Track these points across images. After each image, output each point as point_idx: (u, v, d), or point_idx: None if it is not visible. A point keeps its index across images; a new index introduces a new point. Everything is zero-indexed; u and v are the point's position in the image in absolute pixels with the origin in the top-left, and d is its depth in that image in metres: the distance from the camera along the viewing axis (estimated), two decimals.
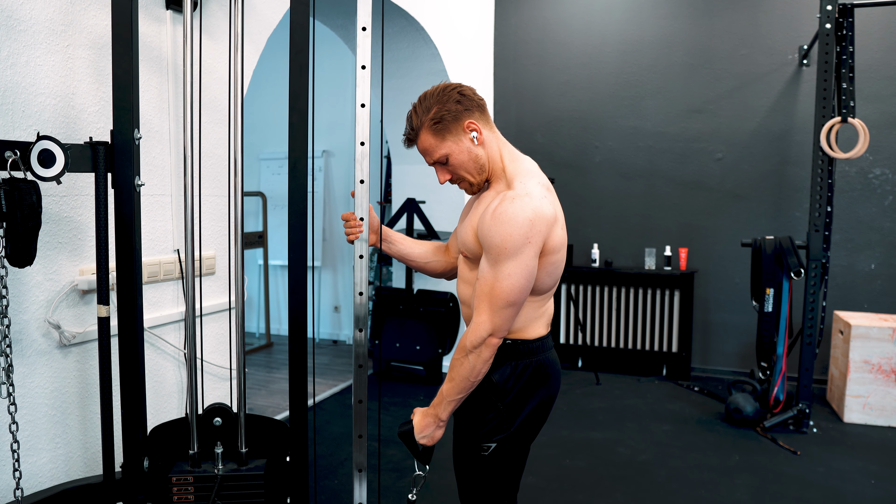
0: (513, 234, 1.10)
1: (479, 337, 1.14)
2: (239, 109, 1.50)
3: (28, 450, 1.51)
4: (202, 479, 1.44)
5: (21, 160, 1.27)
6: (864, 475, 2.47)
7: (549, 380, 1.25)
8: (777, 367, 3.06)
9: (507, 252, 1.11)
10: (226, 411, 1.52)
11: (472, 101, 1.22)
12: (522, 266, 1.12)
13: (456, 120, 1.20)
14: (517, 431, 1.23)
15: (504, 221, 1.11)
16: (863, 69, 3.45)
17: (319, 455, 2.58)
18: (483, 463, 1.24)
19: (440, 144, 1.21)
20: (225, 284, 2.11)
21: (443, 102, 1.20)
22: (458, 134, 1.20)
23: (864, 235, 3.58)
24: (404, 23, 3.27)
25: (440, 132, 1.20)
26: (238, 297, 1.50)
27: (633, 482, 2.41)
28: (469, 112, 1.21)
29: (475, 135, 1.20)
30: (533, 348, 1.23)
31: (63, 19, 1.55)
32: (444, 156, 1.22)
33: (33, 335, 1.51)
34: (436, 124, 1.20)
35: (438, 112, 1.20)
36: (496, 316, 1.13)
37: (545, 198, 1.16)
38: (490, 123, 1.25)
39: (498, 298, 1.13)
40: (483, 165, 1.23)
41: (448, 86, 1.23)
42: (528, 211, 1.12)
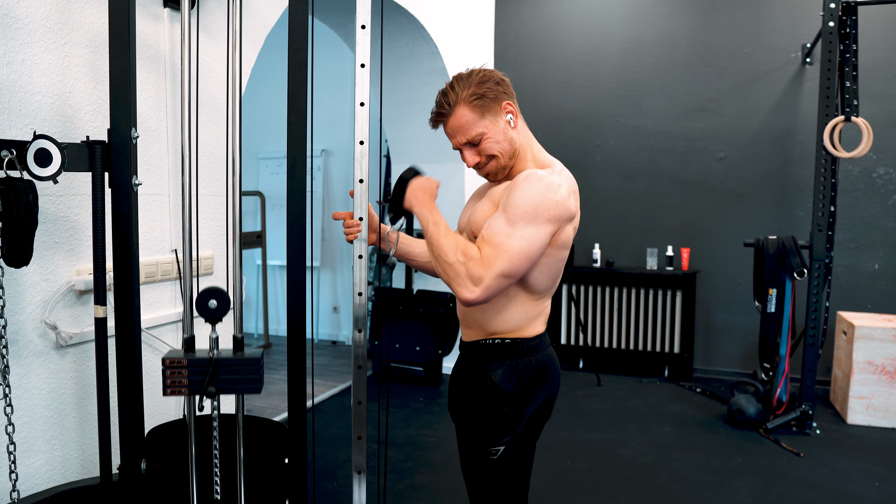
0: (539, 199, 1.09)
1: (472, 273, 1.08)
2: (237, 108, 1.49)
3: (24, 451, 1.50)
4: (196, 362, 1.36)
5: (17, 159, 1.26)
6: (867, 477, 2.45)
7: (550, 377, 1.25)
8: (780, 368, 3.04)
9: (527, 215, 1.09)
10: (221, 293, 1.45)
11: (508, 86, 1.23)
12: (536, 235, 1.10)
13: (496, 100, 1.19)
14: (524, 432, 1.23)
15: (534, 185, 1.11)
16: (866, 67, 3.43)
17: (318, 457, 2.57)
18: (493, 467, 1.23)
19: (478, 122, 1.19)
20: (223, 284, 2.10)
21: (484, 80, 1.20)
22: (497, 114, 1.20)
23: (867, 235, 3.56)
24: (404, 21, 3.26)
25: (479, 108, 1.19)
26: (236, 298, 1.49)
27: (635, 484, 2.39)
28: (508, 95, 1.22)
29: (511, 117, 1.21)
30: (532, 346, 1.22)
31: (60, 17, 1.54)
32: (480, 135, 1.20)
33: (30, 336, 1.50)
34: (476, 99, 1.18)
35: (479, 88, 1.19)
36: (492, 277, 1.08)
37: (570, 192, 1.18)
38: (519, 114, 1.26)
39: (503, 258, 1.08)
40: (516, 150, 1.23)
41: (488, 71, 1.23)
42: (557, 194, 1.13)
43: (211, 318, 1.40)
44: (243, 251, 4.71)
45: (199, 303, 1.42)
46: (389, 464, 2.53)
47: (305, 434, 1.52)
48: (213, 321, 1.41)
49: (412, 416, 3.13)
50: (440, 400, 3.41)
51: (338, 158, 4.63)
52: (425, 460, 2.55)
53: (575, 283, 3.99)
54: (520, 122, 1.24)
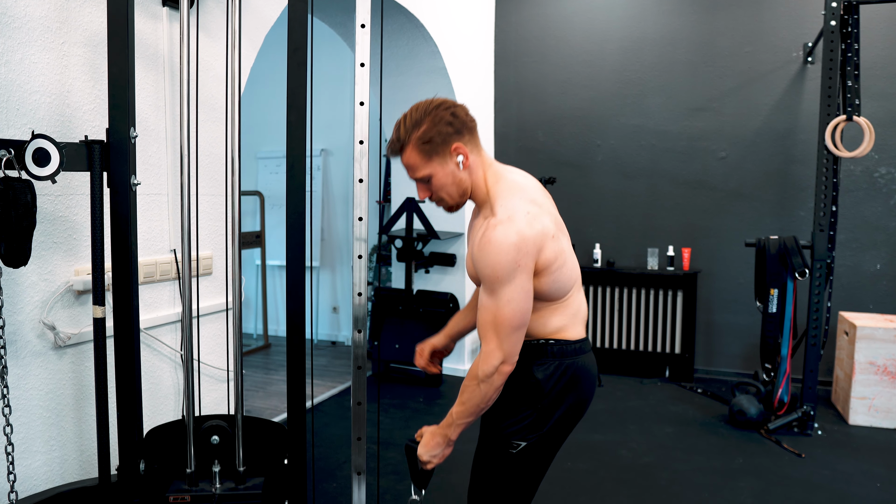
0: (501, 261, 1.12)
1: (491, 366, 1.15)
2: (236, 107, 1.48)
3: (23, 452, 1.50)
4: (199, 498, 1.43)
5: (15, 159, 1.25)
6: (869, 478, 2.44)
7: (585, 383, 1.26)
8: (781, 369, 3.03)
9: (500, 279, 1.12)
10: (223, 429, 1.50)
11: (463, 123, 1.20)
12: (518, 290, 1.13)
13: (445, 143, 1.18)
14: (549, 433, 1.24)
15: (491, 251, 1.13)
16: (868, 67, 3.42)
17: (318, 458, 2.56)
18: (509, 461, 1.25)
19: (425, 164, 1.20)
20: (222, 285, 2.09)
21: (434, 122, 1.18)
22: (445, 156, 1.19)
23: (869, 235, 3.55)
24: (404, 20, 3.25)
25: (427, 152, 1.19)
26: (235, 298, 1.49)
27: (636, 485, 2.38)
28: (459, 135, 1.19)
29: (461, 159, 1.19)
30: (576, 349, 1.25)
31: (58, 16, 1.53)
32: (428, 175, 1.21)
33: (28, 336, 1.50)
34: (424, 144, 1.18)
35: (428, 131, 1.18)
36: (505, 343, 1.15)
37: (530, 215, 1.15)
38: (478, 146, 1.24)
39: (502, 326, 1.14)
40: (465, 190, 1.23)
41: (442, 103, 1.20)
42: (512, 235, 1.12)
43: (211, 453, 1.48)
44: (242, 251, 4.69)
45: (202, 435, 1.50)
46: (389, 465, 2.52)
47: (305, 435, 1.52)
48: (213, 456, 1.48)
49: (412, 416, 3.12)
50: (440, 400, 3.40)
51: (337, 158, 4.62)
52: None
53: None
54: (473, 160, 1.21)
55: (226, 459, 1.50)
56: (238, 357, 1.50)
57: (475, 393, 1.17)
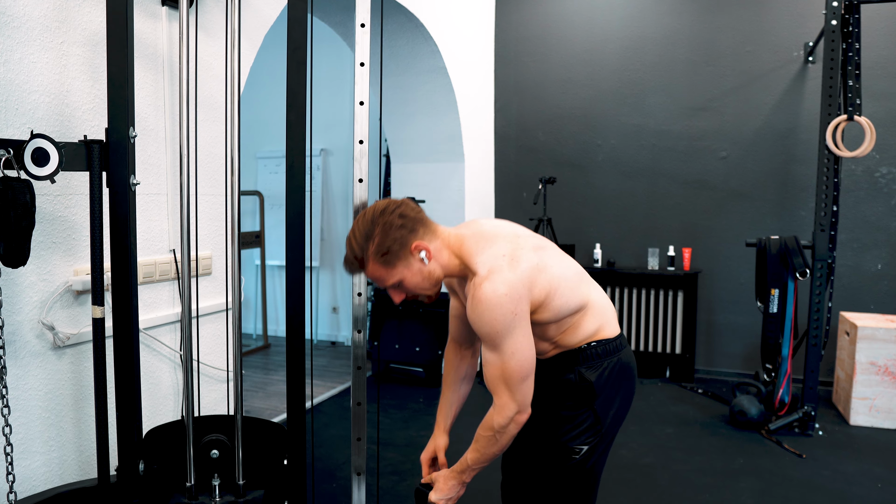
0: (496, 316, 1.12)
1: (506, 418, 1.17)
2: (236, 107, 1.48)
3: (21, 453, 1.49)
4: None
5: (14, 159, 1.25)
6: (870, 478, 2.44)
7: (630, 376, 1.30)
8: (782, 369, 3.03)
9: (499, 333, 1.13)
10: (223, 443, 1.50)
11: (413, 219, 1.17)
12: (520, 339, 1.14)
13: (403, 246, 1.16)
14: (606, 431, 1.27)
15: (484, 309, 1.13)
16: (869, 66, 3.41)
17: (317, 458, 2.56)
18: (572, 469, 1.25)
19: (391, 272, 1.17)
20: (221, 285, 2.09)
21: (386, 230, 1.15)
22: (408, 258, 1.17)
23: (870, 235, 3.55)
24: (403, 19, 3.24)
25: (388, 262, 1.16)
26: (235, 298, 1.48)
27: (636, 485, 2.38)
28: (414, 233, 1.17)
29: (424, 254, 1.17)
30: (616, 346, 1.28)
31: (57, 16, 1.53)
32: (398, 281, 1.19)
33: (27, 336, 1.49)
34: (383, 255, 1.15)
35: (383, 242, 1.15)
36: (517, 394, 1.16)
37: (507, 257, 1.15)
38: (433, 231, 1.20)
39: (512, 378, 1.15)
40: (437, 278, 1.22)
41: (386, 208, 1.17)
42: (500, 287, 1.12)
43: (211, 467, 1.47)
44: (242, 251, 4.69)
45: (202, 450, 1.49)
46: (389, 465, 2.52)
47: (304, 435, 1.51)
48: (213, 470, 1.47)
49: (412, 417, 3.12)
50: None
51: (337, 158, 4.62)
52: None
53: None
54: (435, 247, 1.18)
55: (225, 471, 1.50)
56: (237, 357, 1.50)
57: (491, 443, 1.20)
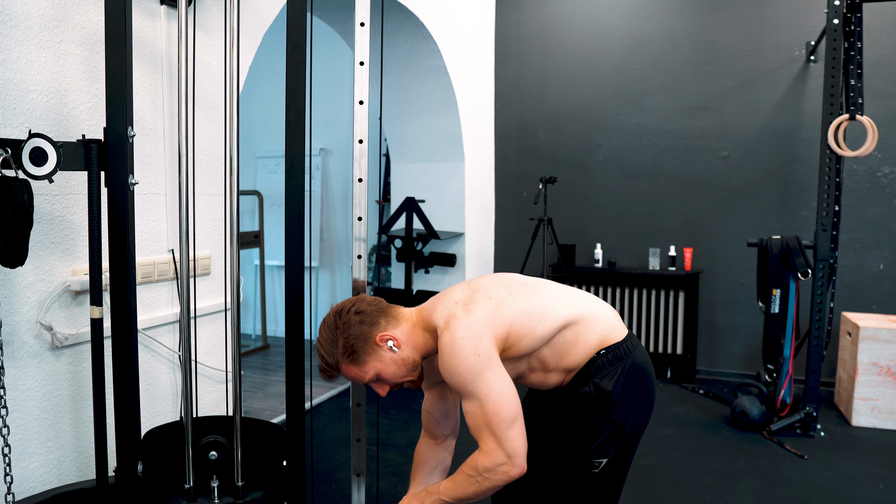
0: (459, 361, 1.09)
1: (492, 462, 1.10)
2: (235, 106, 1.47)
3: (19, 454, 1.48)
4: None
5: (12, 158, 1.24)
6: (872, 479, 2.43)
7: (647, 379, 1.24)
8: (784, 370, 3.02)
9: (468, 380, 1.09)
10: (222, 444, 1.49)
11: (370, 313, 1.18)
12: (493, 380, 1.10)
13: (367, 341, 1.16)
14: (627, 441, 1.21)
15: (448, 358, 1.11)
16: (871, 65, 3.40)
17: (317, 459, 2.55)
18: (592, 482, 1.20)
19: (364, 369, 1.18)
20: (220, 285, 2.08)
21: (346, 331, 1.16)
22: (376, 351, 1.17)
23: (872, 235, 3.53)
24: (403, 18, 3.24)
25: (358, 360, 1.17)
26: (234, 298, 1.47)
27: (637, 487, 2.37)
28: (375, 326, 1.17)
29: (392, 343, 1.17)
30: (626, 348, 1.21)
31: (55, 14, 1.52)
32: (375, 376, 1.19)
33: (25, 337, 1.49)
34: (350, 356, 1.16)
35: (347, 342, 1.16)
36: (505, 442, 1.09)
37: (461, 303, 1.14)
38: (396, 317, 1.20)
39: (493, 422, 1.09)
40: (415, 362, 1.20)
41: (342, 310, 1.18)
42: (456, 333, 1.10)
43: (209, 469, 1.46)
44: (241, 251, 4.68)
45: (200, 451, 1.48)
46: (389, 466, 2.51)
47: (304, 436, 1.50)
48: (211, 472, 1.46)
49: (412, 417, 3.11)
50: None
51: (337, 157, 4.61)
52: None
53: (577, 284, 3.96)
54: (402, 334, 1.18)
55: (224, 473, 1.49)
56: (236, 358, 1.49)
57: (470, 483, 1.12)
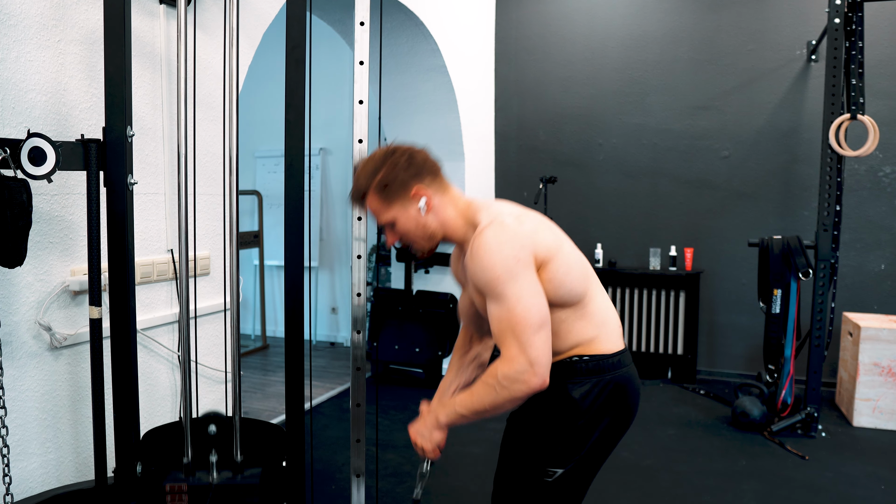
0: (496, 260, 1.05)
1: (513, 370, 1.04)
2: (234, 106, 1.46)
3: (18, 454, 1.48)
4: (196, 488, 1.41)
5: (11, 158, 1.24)
6: (873, 480, 2.42)
7: (626, 399, 1.18)
8: (785, 370, 3.01)
9: (501, 279, 1.04)
10: (220, 418, 1.49)
11: (421, 166, 1.17)
12: (526, 285, 1.05)
13: (403, 187, 1.16)
14: (587, 455, 1.16)
15: (483, 254, 1.06)
16: (872, 65, 3.39)
17: (316, 460, 2.55)
18: (544, 491, 1.15)
19: (386, 209, 1.18)
20: (219, 285, 2.08)
21: (391, 167, 1.15)
22: (405, 200, 1.16)
23: (873, 235, 3.53)
24: (403, 17, 3.23)
25: (387, 198, 1.17)
26: (233, 299, 1.47)
27: (638, 487, 2.37)
28: (418, 178, 1.16)
29: (424, 202, 1.16)
30: (612, 363, 1.15)
31: (54, 14, 1.51)
32: (391, 220, 1.18)
33: (23, 337, 1.48)
34: (383, 189, 1.16)
35: (385, 177, 1.15)
36: (528, 347, 1.03)
37: (514, 216, 1.12)
38: (443, 187, 1.20)
39: (520, 327, 1.03)
40: (433, 232, 1.18)
41: (397, 149, 1.18)
42: (501, 233, 1.07)
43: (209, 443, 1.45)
44: (240, 251, 4.68)
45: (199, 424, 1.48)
46: (389, 467, 2.51)
47: (303, 437, 1.50)
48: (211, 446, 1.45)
49: (412, 418, 3.08)
50: None
51: (336, 157, 4.61)
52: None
53: None
54: (438, 201, 1.17)
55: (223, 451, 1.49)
56: (236, 358, 1.48)
57: (488, 392, 1.07)
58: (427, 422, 1.20)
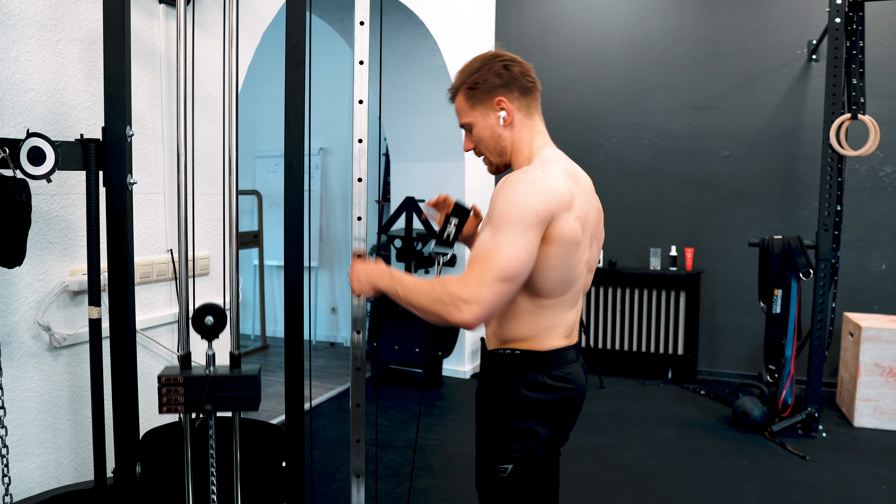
0: (520, 200, 1.02)
1: (456, 294, 1.00)
2: (234, 106, 1.46)
3: (17, 455, 1.48)
4: (192, 380, 1.33)
5: (10, 158, 1.24)
6: (874, 481, 2.42)
7: (567, 395, 1.15)
8: (785, 370, 3.01)
9: (510, 218, 1.02)
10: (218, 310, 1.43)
11: (514, 78, 1.15)
12: (526, 238, 1.02)
13: (489, 93, 1.15)
14: (533, 455, 1.14)
15: (513, 187, 1.04)
16: (873, 64, 3.39)
17: (316, 460, 2.54)
18: (504, 486, 1.15)
19: (468, 111, 1.18)
20: (219, 285, 2.08)
21: (484, 70, 1.16)
22: (487, 107, 1.16)
23: (874, 235, 3.52)
24: (403, 17, 3.23)
25: (471, 99, 1.17)
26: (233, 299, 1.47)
27: (638, 488, 2.36)
28: (506, 89, 1.15)
29: (504, 114, 1.16)
30: (550, 360, 1.13)
31: (54, 13, 1.51)
32: (469, 124, 1.19)
33: (23, 337, 1.48)
34: (470, 90, 1.17)
35: (476, 78, 1.16)
36: (486, 286, 0.99)
37: (563, 179, 1.09)
38: (530, 109, 1.18)
39: (494, 265, 1.00)
40: (504, 148, 1.18)
41: (498, 55, 1.17)
42: (540, 183, 1.04)
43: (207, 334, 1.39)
44: (240, 251, 4.68)
45: (195, 319, 1.41)
46: (389, 467, 2.50)
47: (303, 437, 1.50)
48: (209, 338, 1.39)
49: (411, 418, 3.10)
50: (440, 402, 3.37)
51: (336, 157, 4.60)
52: (425, 464, 2.52)
53: None
54: (518, 119, 1.16)
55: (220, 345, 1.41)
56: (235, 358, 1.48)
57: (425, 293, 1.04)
58: (374, 272, 1.16)
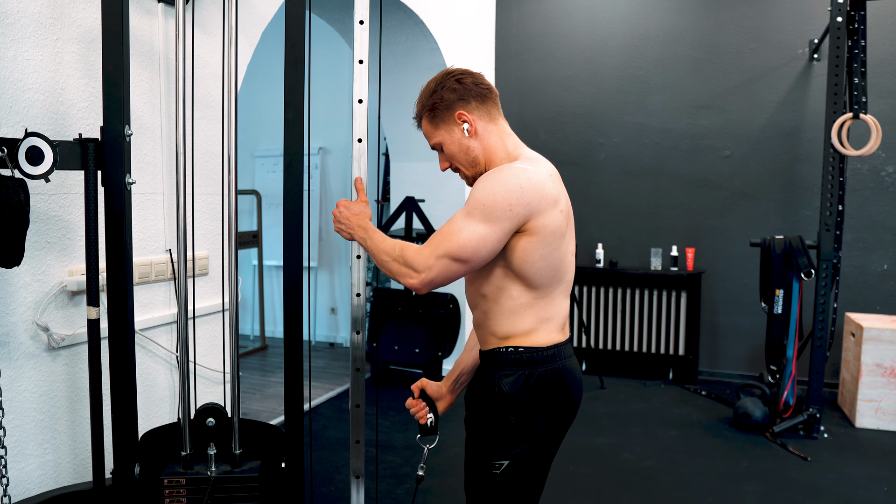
0: (497, 192, 1.07)
1: (410, 260, 1.11)
2: (233, 105, 1.45)
3: (15, 456, 1.47)
4: (194, 481, 1.40)
5: (8, 158, 1.24)
6: (876, 482, 2.41)
7: (566, 390, 1.16)
8: (787, 371, 3.00)
9: (483, 208, 1.07)
10: (219, 411, 1.48)
11: (468, 90, 1.17)
12: (490, 230, 1.07)
13: (448, 109, 1.17)
14: (531, 447, 1.15)
15: (495, 178, 1.09)
16: (875, 64, 3.38)
17: (316, 461, 2.54)
18: (495, 483, 1.15)
19: (434, 132, 1.21)
20: (218, 285, 2.07)
21: (439, 90, 1.18)
22: (450, 124, 1.18)
23: (876, 235, 3.51)
24: (403, 16, 3.22)
25: (434, 120, 1.19)
26: (231, 299, 1.46)
27: (639, 489, 2.36)
28: (463, 102, 1.17)
29: (467, 126, 1.17)
30: (547, 356, 1.14)
31: (52, 12, 1.51)
32: (439, 143, 1.21)
33: (21, 337, 1.47)
34: (430, 112, 1.19)
35: (434, 100, 1.18)
36: (439, 260, 1.08)
37: (546, 175, 1.12)
38: (492, 115, 1.19)
39: (451, 245, 1.07)
40: (475, 158, 1.19)
41: (449, 72, 1.20)
42: (522, 179, 1.08)
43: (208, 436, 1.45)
44: (239, 251, 4.67)
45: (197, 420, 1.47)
46: (388, 468, 2.50)
47: (303, 438, 1.50)
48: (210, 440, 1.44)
49: (411, 419, 3.08)
50: None
51: (335, 157, 4.60)
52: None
53: (578, 284, 3.95)
54: (483, 127, 1.18)
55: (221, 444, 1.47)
56: (234, 359, 1.48)
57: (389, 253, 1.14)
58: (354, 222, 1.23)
